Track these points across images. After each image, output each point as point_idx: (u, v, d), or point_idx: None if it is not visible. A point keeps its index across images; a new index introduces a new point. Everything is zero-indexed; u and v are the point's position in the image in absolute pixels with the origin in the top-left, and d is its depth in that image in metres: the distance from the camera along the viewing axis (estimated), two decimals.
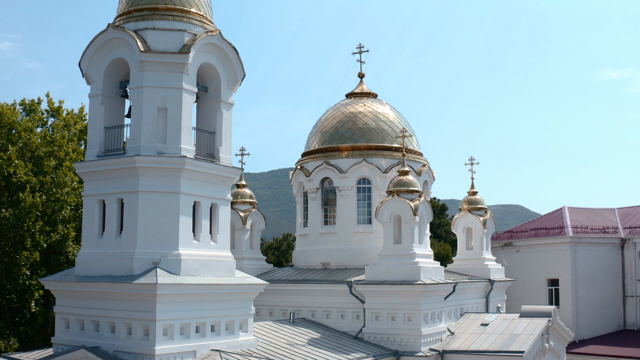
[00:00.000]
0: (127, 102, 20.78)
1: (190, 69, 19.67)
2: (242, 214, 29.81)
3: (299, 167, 31.02)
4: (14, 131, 29.43)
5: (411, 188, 25.90)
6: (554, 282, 46.64)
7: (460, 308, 28.85)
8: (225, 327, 19.69)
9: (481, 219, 32.87)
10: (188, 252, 18.97)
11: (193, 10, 20.56)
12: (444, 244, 52.52)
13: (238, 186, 30.80)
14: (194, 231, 19.50)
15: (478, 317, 28.03)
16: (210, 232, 20.08)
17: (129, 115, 20.49)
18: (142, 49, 19.13)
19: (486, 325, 26.89)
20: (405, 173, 26.43)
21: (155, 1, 20.28)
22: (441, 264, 50.18)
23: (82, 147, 32.76)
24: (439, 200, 60.90)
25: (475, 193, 33.95)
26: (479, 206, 33.42)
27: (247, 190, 30.89)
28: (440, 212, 59.63)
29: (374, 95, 32.62)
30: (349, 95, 32.68)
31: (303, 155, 31.63)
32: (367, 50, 32.95)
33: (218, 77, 20.86)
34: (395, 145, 29.37)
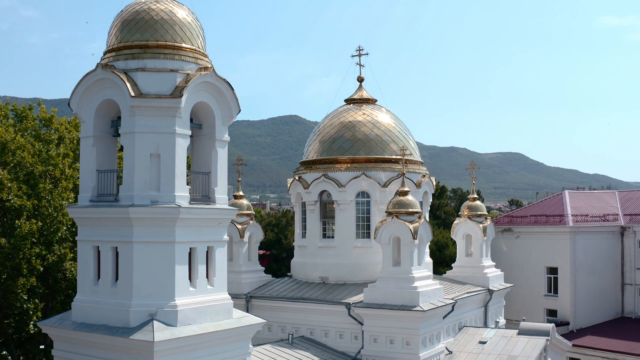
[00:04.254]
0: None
1: (184, 112, 19.06)
2: (239, 227, 29.47)
3: (297, 177, 30.57)
4: (7, 150, 28.61)
5: (410, 210, 25.55)
6: (553, 271, 46.76)
7: (458, 322, 28.81)
8: None
9: (481, 226, 32.58)
10: (185, 302, 18.75)
11: (185, 45, 19.82)
12: (443, 231, 52.28)
13: (235, 197, 30.27)
14: (190, 277, 19.24)
15: (476, 333, 28.03)
16: (207, 276, 19.83)
17: (121, 149, 20.02)
18: (132, 94, 18.50)
19: (484, 343, 26.92)
20: (405, 193, 26.04)
21: (146, 37, 19.57)
22: (439, 253, 50.62)
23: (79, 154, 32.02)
24: (439, 182, 60.46)
25: (475, 199, 33.59)
26: (479, 213, 33.09)
27: (245, 202, 30.46)
28: (440, 194, 59.34)
29: (374, 101, 31.96)
30: (348, 101, 32.01)
31: (301, 164, 31.17)
32: (367, 54, 32.21)
33: (212, 115, 20.27)
34: (395, 157, 28.88)
